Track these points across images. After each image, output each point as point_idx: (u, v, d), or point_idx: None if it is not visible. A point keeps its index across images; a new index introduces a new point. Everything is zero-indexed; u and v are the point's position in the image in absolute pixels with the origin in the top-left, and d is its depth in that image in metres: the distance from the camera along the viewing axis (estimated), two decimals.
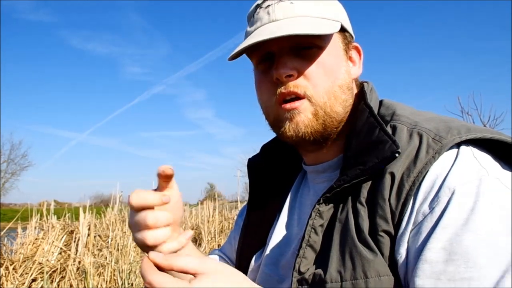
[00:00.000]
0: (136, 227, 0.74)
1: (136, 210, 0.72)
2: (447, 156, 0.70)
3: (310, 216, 0.78)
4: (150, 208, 0.72)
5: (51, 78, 65.48)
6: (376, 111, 0.82)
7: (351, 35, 0.89)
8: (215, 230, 7.85)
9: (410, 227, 0.67)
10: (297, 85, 0.80)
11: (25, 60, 64.44)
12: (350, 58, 0.89)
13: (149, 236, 0.72)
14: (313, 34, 0.77)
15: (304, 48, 0.81)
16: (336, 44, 0.84)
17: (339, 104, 0.82)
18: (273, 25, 0.80)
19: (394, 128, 0.76)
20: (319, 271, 0.72)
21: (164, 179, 0.74)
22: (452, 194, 0.65)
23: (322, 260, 0.74)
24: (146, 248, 0.73)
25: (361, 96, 0.85)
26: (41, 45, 66.59)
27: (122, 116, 63.21)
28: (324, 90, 0.81)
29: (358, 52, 0.91)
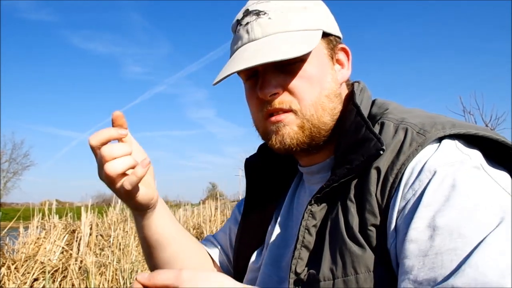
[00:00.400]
0: (99, 166, 0.79)
1: (96, 149, 0.79)
2: (429, 148, 0.71)
3: (303, 217, 0.79)
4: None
5: (52, 78, 65.63)
6: (367, 111, 0.83)
7: (337, 37, 0.88)
8: (217, 229, 7.85)
9: (396, 214, 0.68)
10: (282, 101, 0.81)
11: (26, 60, 64.59)
12: (337, 61, 0.88)
13: (107, 167, 0.76)
14: (291, 58, 0.77)
15: (287, 64, 0.81)
16: (319, 52, 0.84)
17: (327, 114, 0.83)
18: (253, 45, 0.81)
19: (382, 125, 0.78)
20: (313, 270, 0.73)
21: (117, 122, 0.82)
22: (433, 175, 0.66)
23: (315, 259, 0.75)
24: (112, 183, 0.79)
25: (351, 96, 0.86)
26: (42, 44, 66.75)
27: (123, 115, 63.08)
28: (311, 102, 0.81)
29: (346, 53, 0.90)
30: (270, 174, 1.02)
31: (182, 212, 9.21)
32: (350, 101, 0.85)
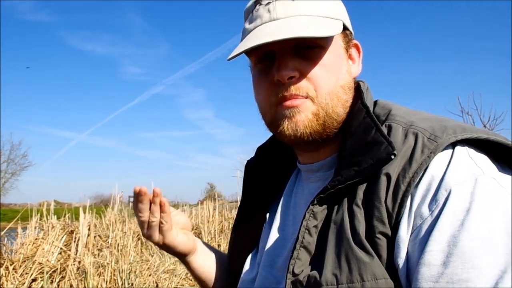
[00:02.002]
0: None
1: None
2: (443, 156, 0.69)
3: (304, 217, 0.77)
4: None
5: (51, 78, 65.51)
6: (371, 111, 0.81)
7: (351, 32, 0.88)
8: (215, 230, 7.85)
9: (410, 230, 0.67)
10: (298, 87, 0.78)
11: (24, 61, 64.45)
12: (350, 56, 0.87)
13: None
14: (317, 37, 0.76)
15: (306, 48, 0.79)
16: (337, 43, 0.83)
17: (341, 105, 0.81)
18: (274, 24, 0.78)
19: (389, 128, 0.76)
20: (314, 273, 0.72)
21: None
22: (449, 194, 0.65)
23: (316, 262, 0.73)
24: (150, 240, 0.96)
25: (357, 95, 0.84)
26: (41, 45, 66.65)
27: (122, 116, 63.09)
28: (327, 91, 0.79)
29: (358, 49, 0.90)
30: (266, 174, 1.01)
31: None
32: (357, 99, 0.83)
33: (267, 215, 0.97)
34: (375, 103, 0.86)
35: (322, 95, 0.79)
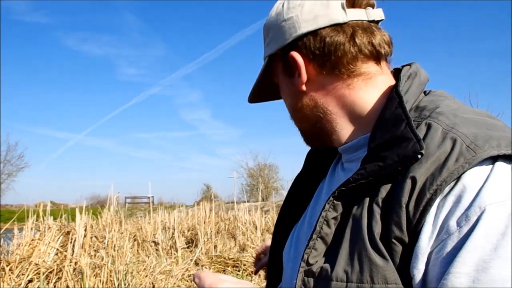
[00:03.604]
0: None
1: None
2: (480, 169, 0.62)
3: (324, 207, 0.74)
4: None
5: (47, 79, 65.11)
6: (414, 99, 0.76)
7: (285, 46, 0.82)
8: (211, 231, 7.86)
9: (432, 242, 0.62)
10: None
11: (21, 61, 64.11)
12: (296, 67, 0.82)
13: None
14: (251, 93, 0.94)
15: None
16: (278, 75, 0.89)
17: (304, 122, 0.88)
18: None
19: (428, 127, 0.69)
20: (327, 266, 0.70)
21: None
22: (482, 213, 0.59)
23: (330, 255, 0.72)
24: None
25: (396, 83, 0.78)
26: (36, 46, 66.20)
27: (118, 117, 62.62)
28: (291, 114, 0.90)
29: (292, 60, 0.82)
30: (321, 158, 1.00)
31: (177, 214, 9.21)
32: (394, 87, 0.77)
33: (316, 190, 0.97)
34: (428, 93, 0.80)
35: (293, 119, 0.91)
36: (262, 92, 0.96)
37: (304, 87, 0.83)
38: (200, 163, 63.61)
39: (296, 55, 0.81)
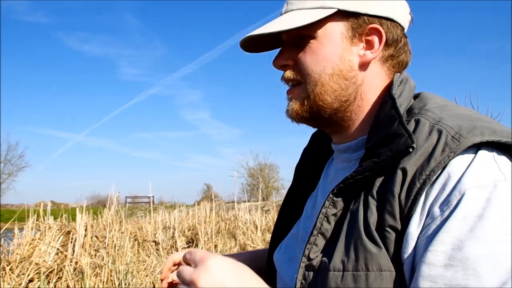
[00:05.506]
0: None
1: None
2: (464, 157, 0.67)
3: (324, 204, 0.78)
4: None
5: (48, 79, 65.13)
6: (407, 103, 0.80)
7: (372, 16, 0.81)
8: (212, 231, 7.86)
9: (420, 228, 0.66)
10: (290, 75, 0.84)
11: (21, 61, 64.15)
12: (367, 42, 0.82)
13: None
14: (284, 30, 0.79)
15: (299, 39, 0.83)
16: (333, 31, 0.81)
17: (329, 93, 0.81)
18: (277, 19, 0.85)
19: (417, 122, 0.74)
20: (325, 259, 0.73)
21: None
22: (462, 197, 0.63)
23: (329, 248, 0.75)
24: None
25: (390, 86, 0.82)
26: (37, 46, 66.23)
27: (118, 117, 62.64)
28: (313, 79, 0.81)
29: (378, 34, 0.82)
30: (317, 156, 1.02)
31: (177, 213, 9.22)
32: (388, 91, 0.81)
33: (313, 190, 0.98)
34: (418, 95, 0.84)
35: (308, 82, 0.82)
36: (265, 42, 0.90)
37: (360, 63, 0.83)
38: (201, 163, 63.67)
39: (382, 31, 0.82)
